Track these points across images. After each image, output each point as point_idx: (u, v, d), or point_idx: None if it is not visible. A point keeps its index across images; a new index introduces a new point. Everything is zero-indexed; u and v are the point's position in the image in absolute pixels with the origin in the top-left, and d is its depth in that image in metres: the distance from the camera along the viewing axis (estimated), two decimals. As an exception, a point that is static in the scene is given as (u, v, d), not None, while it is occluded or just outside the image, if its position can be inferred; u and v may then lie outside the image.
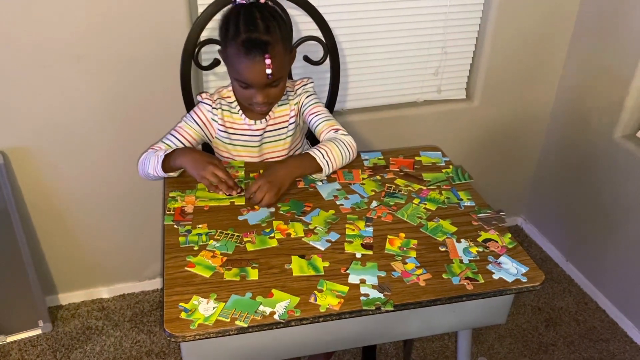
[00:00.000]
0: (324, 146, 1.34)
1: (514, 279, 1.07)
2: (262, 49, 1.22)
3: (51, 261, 1.90)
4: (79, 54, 1.57)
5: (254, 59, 1.23)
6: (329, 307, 1.00)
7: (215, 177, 1.25)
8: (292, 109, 1.43)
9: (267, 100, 1.31)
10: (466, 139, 2.13)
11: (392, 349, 1.86)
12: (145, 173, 1.35)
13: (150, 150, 1.36)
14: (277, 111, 1.42)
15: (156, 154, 1.32)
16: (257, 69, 1.24)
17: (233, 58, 1.27)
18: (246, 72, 1.26)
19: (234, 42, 1.25)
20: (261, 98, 1.29)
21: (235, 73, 1.29)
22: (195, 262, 1.08)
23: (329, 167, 1.33)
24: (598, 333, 1.95)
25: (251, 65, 1.24)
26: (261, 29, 1.23)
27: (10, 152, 1.66)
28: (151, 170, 1.31)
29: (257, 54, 1.22)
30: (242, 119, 1.40)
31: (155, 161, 1.30)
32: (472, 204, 1.27)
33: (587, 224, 2.07)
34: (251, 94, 1.30)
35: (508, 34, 1.93)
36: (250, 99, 1.31)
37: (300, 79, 1.47)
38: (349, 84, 1.90)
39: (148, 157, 1.34)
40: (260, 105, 1.32)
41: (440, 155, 1.45)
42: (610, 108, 1.88)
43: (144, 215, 1.90)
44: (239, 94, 1.35)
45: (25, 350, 1.82)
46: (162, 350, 1.83)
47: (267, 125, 1.42)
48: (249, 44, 1.22)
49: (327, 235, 1.15)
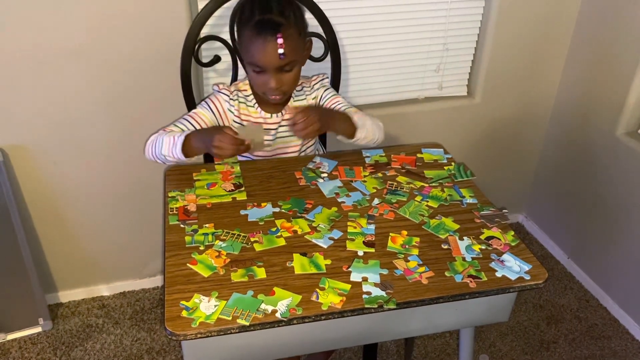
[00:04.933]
0: (358, 114, 1.37)
1: (517, 276, 1.07)
2: (275, 29, 1.22)
3: (51, 259, 1.89)
4: (79, 51, 1.57)
5: (267, 39, 1.23)
6: (331, 305, 0.99)
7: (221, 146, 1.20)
8: (310, 104, 1.44)
9: (281, 86, 1.30)
10: (467, 136, 2.12)
11: (393, 346, 1.86)
12: (157, 154, 1.31)
13: (162, 131, 1.32)
14: (294, 105, 1.42)
15: (170, 135, 1.28)
16: (269, 49, 1.23)
17: (247, 42, 1.26)
18: (259, 53, 1.25)
19: (248, 24, 1.25)
20: (274, 83, 1.28)
21: (249, 56, 1.28)
22: (198, 260, 1.07)
23: (363, 132, 1.35)
24: (599, 330, 1.94)
25: (263, 45, 1.23)
26: (275, 11, 1.24)
27: (9, 150, 1.66)
28: (166, 151, 1.28)
29: (269, 33, 1.22)
30: (258, 112, 1.40)
31: (172, 142, 1.26)
32: (474, 202, 1.26)
33: (589, 221, 2.07)
34: (265, 79, 1.29)
35: (510, 31, 1.92)
36: (264, 85, 1.30)
37: (315, 75, 1.48)
38: (350, 80, 1.89)
39: (160, 137, 1.30)
40: (275, 92, 1.31)
41: (442, 152, 1.44)
42: (612, 105, 1.87)
43: (144, 212, 1.90)
44: (254, 82, 1.34)
45: (25, 348, 1.81)
46: (162, 348, 1.82)
47: (282, 119, 1.41)
48: (261, 24, 1.23)
49: (329, 233, 1.15)
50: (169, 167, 1.36)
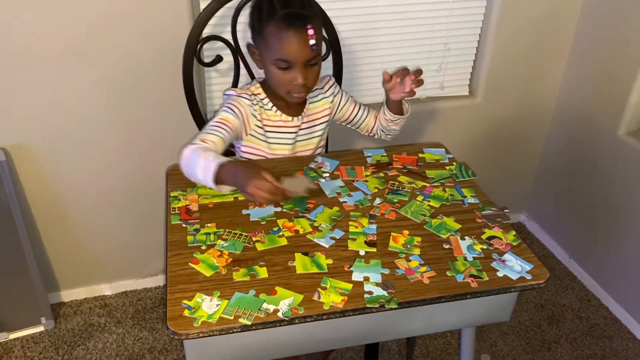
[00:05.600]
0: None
1: (519, 276, 1.07)
2: (304, 20, 1.21)
3: (53, 258, 1.90)
4: (81, 51, 1.57)
5: (297, 31, 1.21)
6: (332, 304, 0.99)
7: (257, 193, 1.07)
8: (326, 108, 1.44)
9: (307, 82, 1.28)
10: (469, 135, 2.12)
11: (394, 345, 1.86)
12: (189, 174, 1.20)
13: (196, 147, 1.19)
14: (311, 108, 1.42)
15: (205, 158, 1.15)
16: (300, 40, 1.22)
17: (272, 37, 1.23)
18: (289, 46, 1.22)
19: (272, 19, 1.22)
20: (302, 79, 1.26)
21: (276, 52, 1.24)
22: (200, 260, 1.07)
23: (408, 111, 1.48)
24: (601, 330, 1.94)
25: (294, 37, 1.21)
26: (298, 5, 1.23)
27: (12, 149, 1.66)
28: (200, 176, 1.16)
29: (299, 25, 1.21)
30: (278, 115, 1.37)
31: (204, 168, 1.14)
32: (476, 201, 1.26)
33: (590, 221, 2.07)
34: (291, 76, 1.26)
35: (511, 30, 1.92)
36: (289, 83, 1.27)
37: (322, 77, 1.45)
38: (352, 80, 1.89)
39: (194, 156, 1.17)
40: (301, 89, 1.29)
41: (444, 152, 1.44)
42: (614, 104, 1.87)
43: (145, 212, 1.90)
44: (278, 80, 1.29)
45: (27, 347, 1.82)
46: (164, 347, 1.83)
47: (302, 122, 1.40)
48: (290, 17, 1.21)
49: (331, 233, 1.15)
50: (171, 166, 1.36)
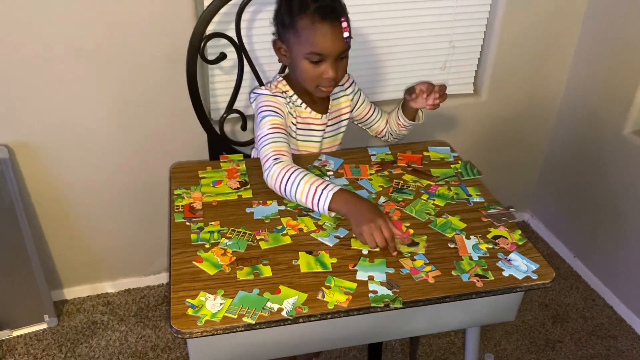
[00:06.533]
0: None
1: (525, 276, 1.06)
2: (338, 13, 1.23)
3: (56, 256, 1.90)
4: (85, 50, 1.57)
5: (332, 23, 1.22)
6: (337, 304, 0.98)
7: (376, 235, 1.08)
8: (347, 105, 1.45)
9: (337, 76, 1.29)
10: (473, 134, 2.11)
11: (398, 344, 1.85)
12: (287, 194, 1.19)
13: (287, 165, 1.19)
14: (334, 105, 1.42)
15: (311, 182, 1.15)
16: (335, 33, 1.23)
17: (306, 30, 1.23)
18: (324, 38, 1.23)
19: (304, 13, 1.22)
20: (333, 72, 1.26)
21: (310, 46, 1.24)
22: (204, 258, 1.07)
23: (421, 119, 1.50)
24: (606, 330, 1.93)
25: (329, 29, 1.22)
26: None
27: (16, 147, 1.66)
28: (302, 199, 1.17)
29: (334, 18, 1.22)
30: (308, 112, 1.38)
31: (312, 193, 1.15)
32: (481, 200, 1.25)
33: (595, 220, 2.06)
34: (322, 70, 1.27)
35: (516, 28, 1.91)
36: (319, 77, 1.28)
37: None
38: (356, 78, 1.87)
39: (297, 179, 1.17)
40: (329, 83, 1.29)
41: (449, 150, 1.43)
42: (619, 103, 1.86)
43: (149, 210, 1.90)
44: (308, 74, 1.28)
45: (31, 344, 1.82)
46: (167, 345, 1.82)
47: (329, 120, 1.41)
48: (323, 10, 1.22)
49: (335, 231, 1.14)
50: (175, 164, 1.35)
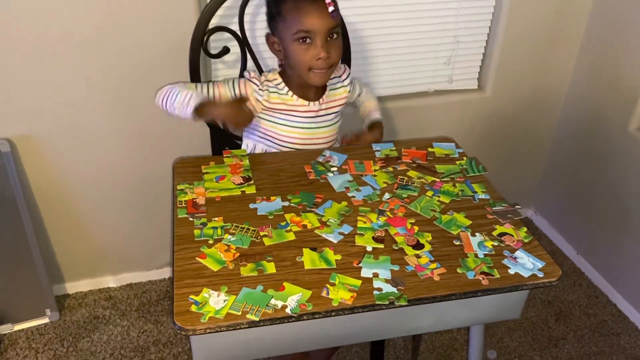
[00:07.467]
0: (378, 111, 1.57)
1: (531, 274, 1.05)
2: None
3: (58, 250, 1.89)
4: (87, 42, 1.55)
5: (315, 0, 1.24)
6: (341, 301, 0.98)
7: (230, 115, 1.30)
8: (344, 97, 1.45)
9: (329, 56, 1.28)
10: (477, 129, 2.10)
11: (400, 340, 1.85)
12: (168, 106, 1.32)
13: (178, 88, 1.32)
14: (330, 95, 1.42)
15: (186, 93, 1.29)
16: (320, 8, 1.24)
17: (291, 12, 1.26)
18: (308, 15, 1.24)
19: None
20: (324, 52, 1.27)
21: (297, 25, 1.25)
22: (208, 254, 1.06)
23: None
24: (609, 327, 1.93)
25: (314, 6, 1.24)
26: None
27: (17, 141, 1.65)
28: (178, 111, 1.30)
29: None
30: (294, 99, 1.38)
31: (185, 101, 1.29)
32: (486, 197, 1.24)
33: (599, 217, 2.05)
34: (313, 52, 1.27)
35: (521, 23, 1.90)
36: (311, 60, 1.28)
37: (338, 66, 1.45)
38: (359, 73, 1.87)
39: (175, 92, 1.31)
40: (324, 63, 1.29)
41: (454, 146, 1.42)
42: (624, 99, 1.85)
43: (151, 204, 1.89)
44: (299, 59, 1.30)
45: (32, 338, 1.81)
46: (169, 340, 1.82)
47: (320, 109, 1.41)
48: None
49: (339, 228, 1.13)
50: (177, 159, 1.35)
